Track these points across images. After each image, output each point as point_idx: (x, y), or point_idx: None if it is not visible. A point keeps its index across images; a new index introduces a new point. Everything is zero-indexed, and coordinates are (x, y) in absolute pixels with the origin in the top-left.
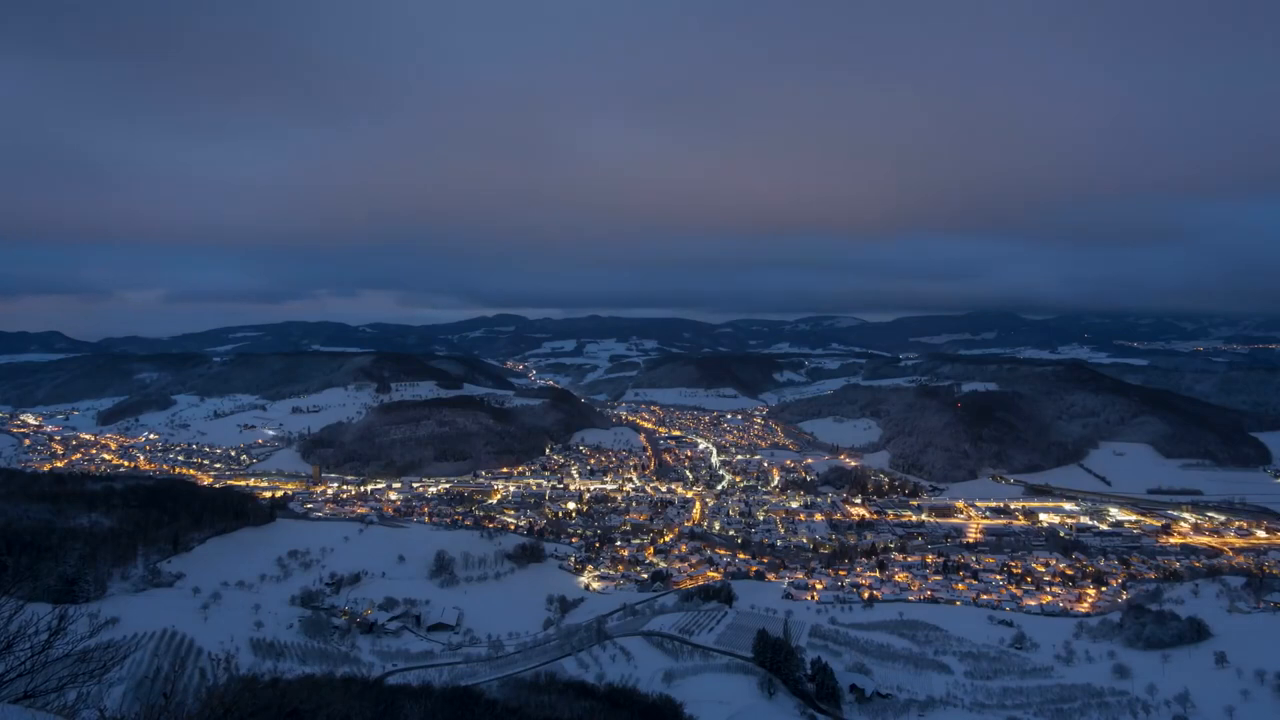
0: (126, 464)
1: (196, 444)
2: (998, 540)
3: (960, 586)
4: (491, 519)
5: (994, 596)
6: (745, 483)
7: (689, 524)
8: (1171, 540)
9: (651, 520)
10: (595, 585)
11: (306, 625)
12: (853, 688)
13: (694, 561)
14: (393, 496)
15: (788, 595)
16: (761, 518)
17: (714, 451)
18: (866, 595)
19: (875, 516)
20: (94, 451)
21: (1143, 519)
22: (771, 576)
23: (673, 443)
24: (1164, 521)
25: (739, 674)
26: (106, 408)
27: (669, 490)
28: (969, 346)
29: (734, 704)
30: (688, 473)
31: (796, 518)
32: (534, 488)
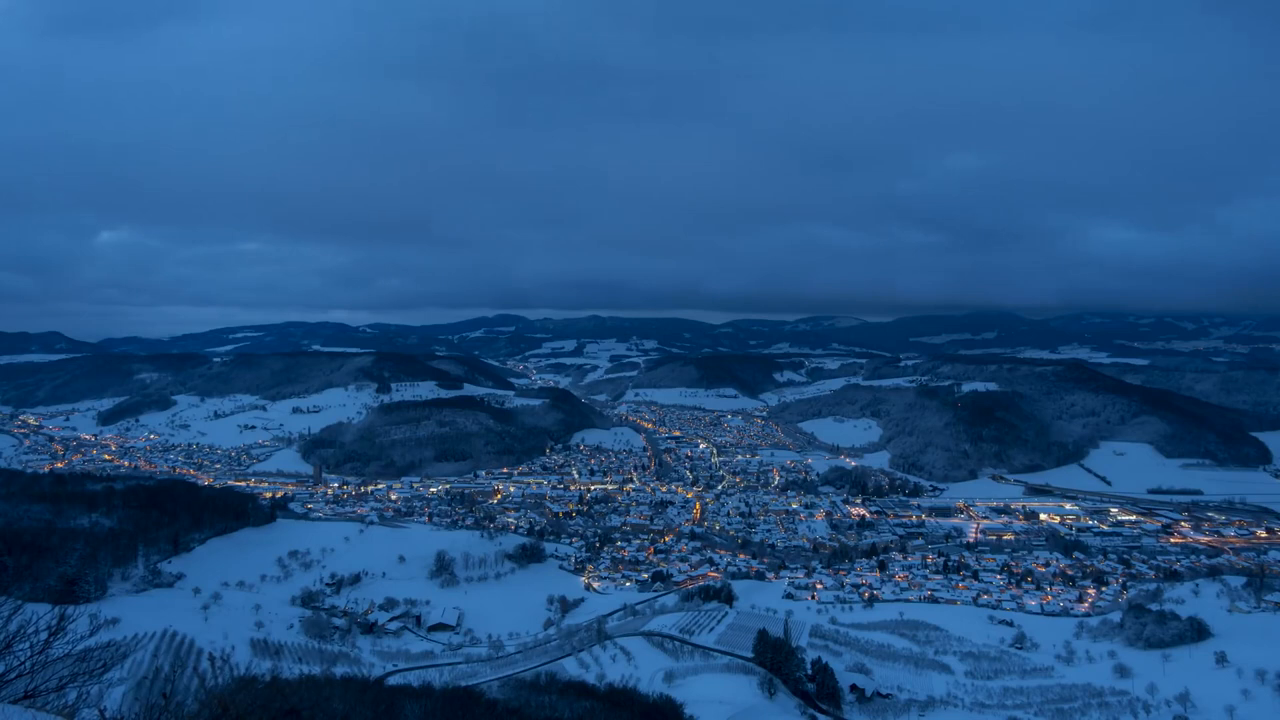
0: (126, 464)
1: (197, 444)
2: (998, 540)
3: (961, 586)
4: (492, 519)
5: (994, 596)
6: (745, 483)
7: (689, 524)
8: (1172, 540)
9: (652, 520)
10: (596, 585)
11: (307, 625)
12: (853, 688)
13: (694, 562)
14: (393, 497)
15: (788, 595)
16: (762, 518)
17: (714, 452)
18: (867, 595)
19: (875, 516)
20: (94, 452)
21: (1143, 519)
22: (772, 576)
23: (673, 443)
24: (1164, 521)
25: (739, 674)
26: (107, 408)
27: (669, 490)
28: (969, 346)
29: (734, 704)
30: (688, 473)
31: (797, 518)
32: (534, 488)
